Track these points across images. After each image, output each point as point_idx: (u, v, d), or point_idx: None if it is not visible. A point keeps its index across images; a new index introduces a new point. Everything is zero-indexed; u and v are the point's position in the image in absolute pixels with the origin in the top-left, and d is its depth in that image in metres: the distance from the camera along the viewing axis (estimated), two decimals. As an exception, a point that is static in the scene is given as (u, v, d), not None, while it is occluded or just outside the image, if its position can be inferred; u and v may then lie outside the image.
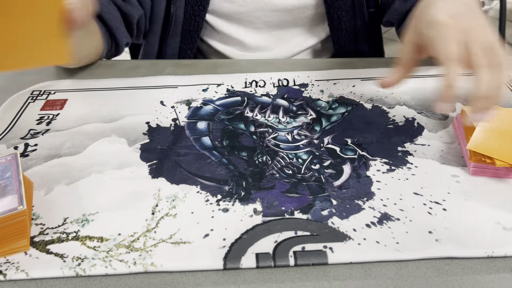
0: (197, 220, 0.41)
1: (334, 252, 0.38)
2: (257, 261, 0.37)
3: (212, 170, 0.47)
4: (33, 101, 0.60)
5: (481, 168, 0.45)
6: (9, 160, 0.42)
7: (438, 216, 0.41)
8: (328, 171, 0.47)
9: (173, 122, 0.55)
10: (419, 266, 0.37)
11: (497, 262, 0.37)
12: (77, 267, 0.37)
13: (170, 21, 0.74)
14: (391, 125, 0.53)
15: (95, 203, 0.43)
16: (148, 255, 0.38)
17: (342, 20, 0.75)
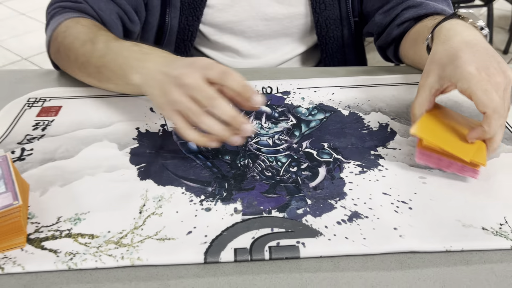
0: (181, 219, 0.44)
1: (306, 247, 0.41)
2: (235, 256, 0.40)
3: (197, 172, 0.51)
4: (29, 108, 0.63)
5: (426, 156, 0.49)
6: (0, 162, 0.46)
7: (404, 214, 0.45)
8: (305, 173, 0.50)
9: (162, 127, 0.58)
10: (384, 260, 0.41)
11: (455, 255, 0.41)
12: (69, 261, 0.40)
13: (165, 31, 0.78)
14: (366, 130, 0.57)
15: (87, 203, 0.47)
16: (135, 250, 0.41)
17: (330, 29, 0.79)
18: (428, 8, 0.69)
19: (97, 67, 0.60)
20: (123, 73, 0.56)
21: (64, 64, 0.67)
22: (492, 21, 2.24)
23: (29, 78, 0.71)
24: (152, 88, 0.51)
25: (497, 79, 0.48)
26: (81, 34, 0.63)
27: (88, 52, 0.61)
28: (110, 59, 0.58)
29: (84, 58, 0.61)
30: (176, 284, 0.39)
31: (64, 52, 0.64)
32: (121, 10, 0.70)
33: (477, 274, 0.39)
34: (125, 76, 0.55)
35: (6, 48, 2.65)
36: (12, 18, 3.04)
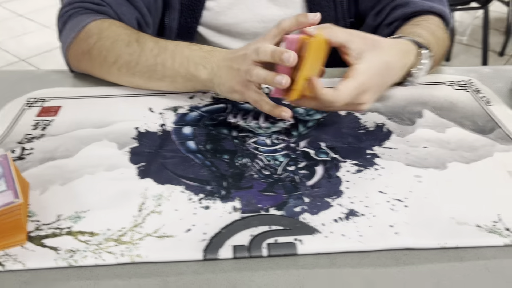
0: (180, 217, 0.45)
1: (303, 244, 0.42)
2: (234, 252, 0.41)
3: (196, 171, 0.51)
4: (29, 108, 0.63)
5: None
6: (0, 161, 0.46)
7: (399, 212, 0.45)
8: (302, 172, 0.51)
9: (161, 127, 0.59)
10: (380, 256, 0.41)
11: (450, 252, 0.42)
12: (70, 259, 0.41)
13: (164, 33, 0.78)
14: (362, 130, 0.58)
15: (87, 201, 0.47)
16: (135, 248, 0.42)
17: None
18: (415, 7, 0.69)
19: (149, 66, 0.62)
20: (186, 70, 0.61)
21: (93, 66, 0.67)
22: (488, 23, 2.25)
23: (28, 79, 0.71)
24: (221, 78, 0.58)
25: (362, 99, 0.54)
26: (123, 35, 0.64)
27: (136, 52, 0.62)
28: (168, 57, 0.61)
29: (131, 57, 0.63)
30: (176, 281, 0.39)
31: (100, 54, 0.64)
32: (139, 14, 0.71)
33: (471, 270, 0.40)
34: (189, 73, 0.61)
35: (4, 50, 2.65)
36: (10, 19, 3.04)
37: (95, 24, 0.65)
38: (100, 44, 0.64)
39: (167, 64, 0.61)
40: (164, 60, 0.61)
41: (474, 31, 2.60)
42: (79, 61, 0.68)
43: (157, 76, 0.63)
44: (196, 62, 0.60)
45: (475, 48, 2.48)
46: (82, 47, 0.66)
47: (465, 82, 0.68)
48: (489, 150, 0.54)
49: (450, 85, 0.68)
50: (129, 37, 0.63)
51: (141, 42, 0.63)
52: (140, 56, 0.62)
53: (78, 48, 0.67)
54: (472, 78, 0.70)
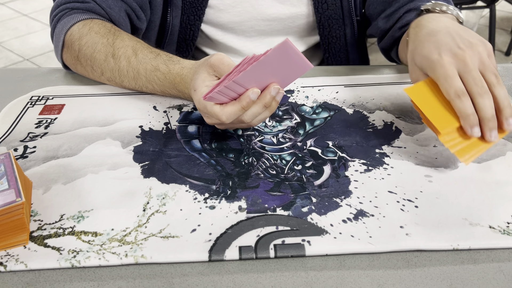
0: (185, 217, 0.44)
1: (312, 245, 0.41)
2: (240, 254, 0.40)
3: (201, 170, 0.50)
4: (32, 106, 0.63)
5: None
6: (2, 159, 0.45)
7: (410, 213, 0.44)
8: (310, 171, 0.50)
9: (165, 126, 0.58)
10: (390, 258, 0.40)
11: (462, 254, 0.41)
12: (73, 259, 0.40)
13: (167, 30, 0.77)
14: (371, 129, 0.57)
15: (90, 201, 0.46)
16: (139, 248, 0.41)
17: (332, 28, 0.79)
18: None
19: (134, 86, 0.63)
20: (171, 92, 0.61)
21: (87, 72, 0.67)
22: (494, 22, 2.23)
23: (31, 77, 0.71)
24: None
25: (466, 56, 0.48)
26: (99, 45, 0.63)
27: (115, 70, 0.63)
28: (146, 83, 0.62)
29: (113, 74, 0.63)
30: (180, 283, 0.38)
31: (86, 63, 0.65)
32: (129, 7, 0.70)
33: (484, 273, 0.39)
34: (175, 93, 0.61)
35: (8, 49, 2.65)
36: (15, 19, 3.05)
37: (76, 28, 0.65)
38: (83, 53, 0.64)
39: (149, 88, 0.62)
40: (145, 85, 0.62)
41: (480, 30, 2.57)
42: (74, 66, 0.68)
43: (147, 92, 0.64)
44: (173, 93, 0.61)
45: (481, 48, 2.45)
46: (71, 53, 0.66)
47: (475, 80, 0.67)
48: (501, 149, 0.53)
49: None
50: (105, 49, 0.63)
51: (116, 59, 0.62)
52: (120, 75, 0.63)
53: (68, 54, 0.67)
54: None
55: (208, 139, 0.55)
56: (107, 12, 0.68)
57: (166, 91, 0.62)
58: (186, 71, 0.57)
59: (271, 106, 0.50)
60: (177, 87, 0.59)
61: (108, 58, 0.62)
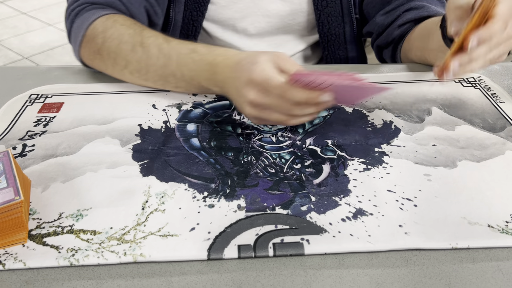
0: (184, 215, 0.44)
1: (310, 244, 0.41)
2: (239, 252, 0.40)
3: (200, 169, 0.50)
4: (31, 104, 0.62)
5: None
6: (1, 157, 0.45)
7: (409, 212, 0.44)
8: (309, 170, 0.50)
9: (164, 124, 0.58)
10: (389, 257, 0.40)
11: (461, 253, 0.41)
12: (71, 258, 0.40)
13: (169, 25, 0.77)
14: (370, 128, 0.57)
15: (89, 199, 0.46)
16: (138, 247, 0.41)
17: (331, 26, 0.79)
18: (429, 11, 0.70)
19: (160, 75, 0.61)
20: (198, 84, 0.59)
21: (106, 67, 0.65)
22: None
23: (30, 75, 0.70)
24: (232, 96, 0.55)
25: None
26: (126, 36, 0.61)
27: (142, 59, 0.60)
28: (176, 69, 0.59)
29: (139, 65, 0.61)
30: (179, 281, 0.38)
31: (109, 56, 0.62)
32: (147, 2, 0.70)
33: (483, 272, 0.39)
34: (201, 86, 0.59)
35: (7, 47, 2.64)
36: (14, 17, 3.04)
37: (100, 22, 0.63)
38: (107, 46, 0.62)
39: (177, 76, 0.59)
40: (173, 72, 0.59)
41: (479, 29, 2.57)
42: (92, 61, 0.66)
43: (170, 85, 0.62)
44: (205, 77, 0.57)
45: (481, 47, 2.45)
46: (92, 47, 0.64)
47: (475, 79, 0.67)
48: (500, 148, 0.53)
49: (459, 82, 0.66)
50: (132, 39, 0.61)
51: (145, 47, 0.60)
52: (147, 64, 0.60)
53: (89, 48, 0.65)
54: (481, 75, 0.68)
55: (207, 138, 0.55)
56: (128, 7, 0.67)
57: (195, 78, 0.58)
58: (233, 52, 0.56)
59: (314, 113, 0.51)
60: (215, 67, 0.56)
61: (136, 47, 0.60)
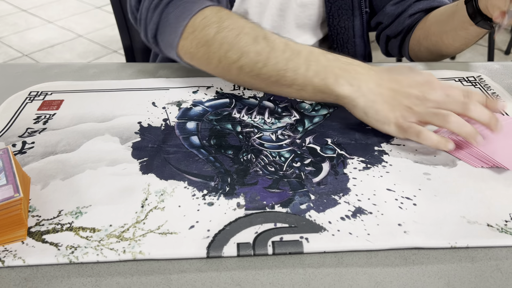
0: (183, 213, 0.44)
1: (310, 242, 0.41)
2: (238, 250, 0.40)
3: (199, 167, 0.50)
4: (30, 101, 0.62)
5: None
6: (0, 154, 0.45)
7: (408, 210, 0.44)
8: (308, 168, 0.50)
9: (164, 122, 0.58)
10: (388, 256, 0.40)
11: (460, 252, 0.41)
12: (71, 255, 0.40)
13: None
14: (370, 126, 0.57)
15: (89, 197, 0.46)
16: (137, 244, 0.41)
17: (341, 19, 0.79)
18: (440, 1, 0.72)
19: (279, 70, 0.55)
20: (322, 81, 0.53)
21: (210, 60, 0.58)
22: (494, 20, 2.23)
23: (30, 72, 0.70)
24: (376, 103, 0.52)
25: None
26: (247, 29, 0.56)
27: (265, 51, 0.55)
28: (302, 63, 0.54)
29: (258, 57, 0.55)
30: (178, 279, 0.38)
31: (221, 47, 0.56)
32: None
33: (482, 271, 0.39)
34: (325, 85, 0.53)
35: (7, 45, 2.64)
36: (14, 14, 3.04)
37: (211, 12, 0.57)
38: (221, 36, 0.56)
39: (299, 71, 0.54)
40: (297, 66, 0.54)
41: (480, 28, 2.57)
42: (193, 54, 0.59)
43: (285, 82, 0.55)
44: (336, 74, 0.53)
45: (481, 46, 2.46)
46: (199, 38, 0.57)
47: (475, 77, 0.67)
48: (499, 147, 0.53)
49: (459, 81, 0.66)
50: (255, 32, 0.55)
51: (269, 40, 0.55)
52: (269, 57, 0.55)
53: (193, 38, 0.58)
54: (481, 74, 0.68)
55: (207, 136, 0.55)
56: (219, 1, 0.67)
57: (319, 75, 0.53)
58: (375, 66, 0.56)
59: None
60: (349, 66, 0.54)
61: (259, 39, 0.55)
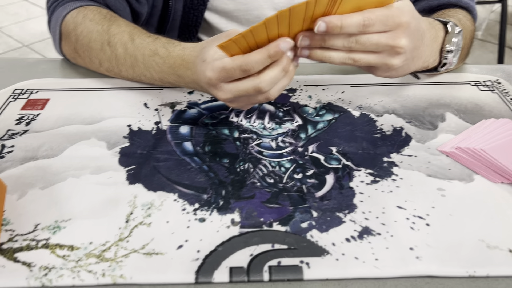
0: (172, 230, 0.40)
1: (311, 268, 0.36)
2: (231, 276, 0.36)
3: (192, 177, 0.46)
4: (14, 100, 0.58)
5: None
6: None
7: (420, 232, 0.40)
8: (311, 181, 0.45)
9: (156, 125, 0.53)
10: (398, 285, 0.36)
11: (479, 282, 0.36)
12: (44, 277, 0.36)
13: (169, 15, 0.73)
14: (378, 134, 0.52)
15: (69, 209, 0.42)
16: (118, 266, 0.36)
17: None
18: (439, 0, 0.65)
19: (132, 75, 0.59)
20: (170, 83, 0.57)
21: (86, 64, 0.63)
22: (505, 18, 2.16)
23: (16, 68, 0.66)
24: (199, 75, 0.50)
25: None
26: (94, 34, 0.59)
27: (112, 59, 0.59)
28: (145, 70, 0.57)
29: (110, 64, 0.59)
30: (163, 307, 0.34)
31: (84, 54, 0.61)
32: None
33: (504, 304, 0.35)
34: (175, 83, 0.56)
35: (7, 35, 2.60)
36: (14, 4, 2.99)
37: (70, 18, 0.61)
38: (80, 44, 0.61)
39: (147, 75, 0.57)
40: (143, 72, 0.57)
41: (490, 26, 2.51)
42: (74, 59, 0.65)
43: (146, 81, 0.59)
44: (173, 79, 0.55)
45: (490, 44, 2.40)
46: (70, 45, 0.63)
47: (492, 82, 0.62)
48: (521, 161, 0.48)
49: (475, 85, 0.62)
50: (101, 37, 0.59)
51: (112, 46, 0.58)
52: (118, 64, 0.59)
53: (68, 45, 0.63)
54: (499, 78, 0.63)
55: (201, 142, 0.51)
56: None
57: (164, 78, 0.56)
58: (188, 51, 0.53)
59: (289, 71, 0.45)
60: (177, 71, 0.54)
61: (104, 46, 0.58)
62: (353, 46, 0.44)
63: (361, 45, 0.44)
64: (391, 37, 0.44)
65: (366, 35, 0.44)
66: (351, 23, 0.42)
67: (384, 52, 0.45)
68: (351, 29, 0.42)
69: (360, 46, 0.44)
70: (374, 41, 0.44)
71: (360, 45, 0.44)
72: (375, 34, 0.44)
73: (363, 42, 0.44)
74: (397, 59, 0.46)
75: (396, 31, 0.44)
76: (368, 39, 0.44)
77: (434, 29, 0.53)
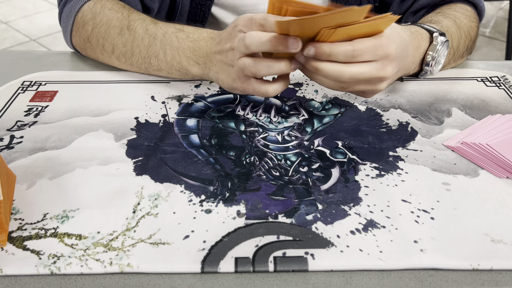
0: (178, 221, 0.40)
1: (315, 259, 0.37)
2: (236, 266, 0.36)
3: (198, 169, 0.46)
4: (23, 92, 0.59)
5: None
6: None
7: (425, 225, 0.40)
8: (316, 174, 0.46)
9: (163, 118, 0.54)
10: (402, 277, 0.36)
11: (483, 275, 0.36)
12: (52, 265, 0.36)
13: (176, 10, 0.73)
14: (384, 129, 0.52)
15: (77, 199, 0.43)
16: (125, 255, 0.37)
17: None
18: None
19: (144, 58, 0.59)
20: (179, 65, 0.56)
21: (96, 54, 0.63)
22: (514, 15, 2.15)
23: (25, 60, 0.67)
24: (219, 74, 0.52)
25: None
26: (114, 21, 0.60)
27: (128, 41, 0.59)
28: (159, 48, 0.57)
29: (125, 47, 0.59)
30: (169, 295, 0.35)
31: (98, 42, 0.61)
32: None
33: (507, 297, 0.35)
34: (182, 67, 0.56)
35: (15, 29, 2.61)
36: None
37: (87, 8, 0.62)
38: (96, 32, 0.61)
39: (159, 57, 0.57)
40: (156, 52, 0.57)
41: (497, 23, 2.49)
42: (84, 50, 0.65)
43: (153, 68, 0.59)
44: (187, 56, 0.55)
45: (498, 41, 2.38)
46: (82, 35, 0.63)
47: (499, 78, 0.62)
48: (526, 156, 0.48)
49: (481, 81, 0.62)
50: (120, 23, 0.59)
51: (131, 30, 0.58)
52: (133, 46, 0.59)
53: (79, 36, 0.63)
54: (506, 74, 0.63)
55: (207, 135, 0.51)
56: None
57: (175, 58, 0.56)
58: (216, 33, 0.54)
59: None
60: (198, 43, 0.54)
61: (123, 30, 0.59)
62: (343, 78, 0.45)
63: (350, 79, 0.45)
64: (380, 68, 0.45)
65: (355, 69, 0.44)
66: (339, 52, 0.43)
67: (372, 81, 0.46)
68: (339, 57, 0.43)
69: (350, 79, 0.45)
70: (363, 77, 0.45)
71: (350, 79, 0.45)
72: (364, 65, 0.44)
73: (352, 76, 0.45)
74: (383, 84, 0.47)
75: (384, 61, 0.45)
76: (357, 75, 0.45)
77: (417, 39, 0.54)
